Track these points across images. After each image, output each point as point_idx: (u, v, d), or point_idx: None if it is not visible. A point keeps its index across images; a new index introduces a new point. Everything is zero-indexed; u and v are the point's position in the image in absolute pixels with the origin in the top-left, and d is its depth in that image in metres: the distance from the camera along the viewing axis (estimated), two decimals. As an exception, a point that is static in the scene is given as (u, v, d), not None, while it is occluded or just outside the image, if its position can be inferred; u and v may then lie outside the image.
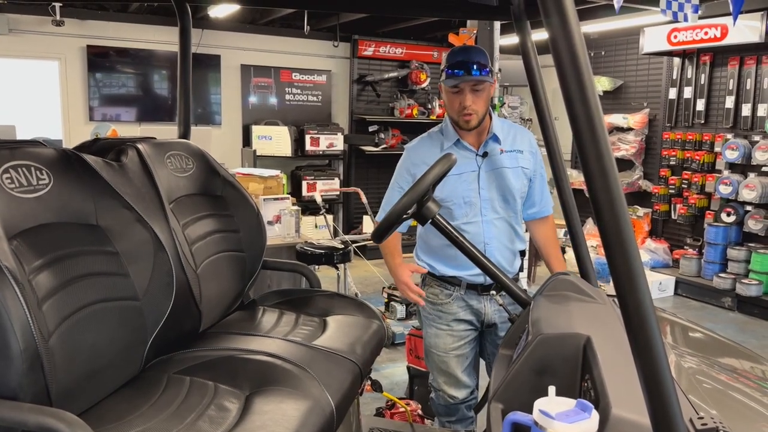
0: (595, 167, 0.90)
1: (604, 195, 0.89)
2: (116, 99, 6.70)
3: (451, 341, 2.39)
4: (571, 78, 0.89)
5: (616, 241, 0.90)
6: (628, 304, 0.90)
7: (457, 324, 2.38)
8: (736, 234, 5.86)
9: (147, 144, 1.97)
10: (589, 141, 0.89)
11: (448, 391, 2.45)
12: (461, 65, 2.16)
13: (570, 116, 0.91)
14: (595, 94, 0.90)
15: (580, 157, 0.92)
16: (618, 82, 7.06)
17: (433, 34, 7.82)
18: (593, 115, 0.89)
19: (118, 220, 1.64)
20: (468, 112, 2.20)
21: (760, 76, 5.67)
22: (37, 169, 1.47)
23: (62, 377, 1.33)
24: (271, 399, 1.52)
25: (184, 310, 1.84)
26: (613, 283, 0.92)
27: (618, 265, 0.90)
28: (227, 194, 2.23)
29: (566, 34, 0.88)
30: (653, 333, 0.89)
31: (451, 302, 2.37)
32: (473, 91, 2.18)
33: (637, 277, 0.89)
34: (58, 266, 1.40)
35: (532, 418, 1.07)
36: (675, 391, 0.91)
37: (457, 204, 2.28)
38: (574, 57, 0.88)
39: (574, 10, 0.90)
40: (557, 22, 0.89)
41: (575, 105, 0.89)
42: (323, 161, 7.48)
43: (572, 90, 0.89)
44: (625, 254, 0.89)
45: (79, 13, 6.28)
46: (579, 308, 1.58)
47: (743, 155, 5.68)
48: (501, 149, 2.30)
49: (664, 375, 0.90)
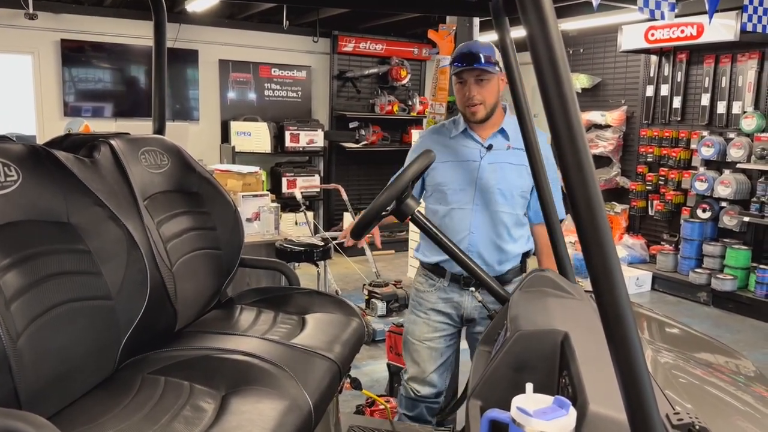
0: (571, 162, 0.89)
1: (580, 190, 0.89)
2: (91, 94, 6.59)
3: (426, 330, 2.41)
4: (548, 74, 0.89)
5: (592, 236, 0.90)
6: (604, 300, 0.90)
7: (434, 314, 2.41)
8: (711, 230, 5.95)
9: (120, 140, 1.93)
10: (565, 137, 0.89)
11: (413, 383, 2.46)
12: (465, 56, 2.23)
13: (547, 112, 0.91)
14: (572, 90, 0.90)
15: (557, 153, 0.92)
16: (596, 79, 7.12)
17: (413, 31, 7.81)
18: (570, 111, 0.88)
19: (90, 217, 1.60)
20: (473, 103, 2.25)
21: (735, 74, 5.76)
22: (5, 166, 1.43)
23: (31, 379, 1.29)
24: (248, 399, 1.50)
25: (159, 309, 1.80)
26: (589, 278, 0.91)
27: (594, 260, 0.90)
28: (203, 191, 2.19)
29: (543, 31, 0.88)
30: (629, 329, 0.89)
31: (432, 292, 2.41)
32: (477, 82, 2.23)
33: (614, 273, 0.89)
34: (27, 265, 1.36)
35: (510, 415, 1.06)
36: (651, 387, 0.91)
37: (452, 189, 2.32)
38: (551, 53, 0.88)
39: (552, 7, 0.90)
40: (535, 18, 0.89)
41: (552, 101, 0.89)
42: (303, 158, 7.44)
43: (549, 86, 0.89)
44: (601, 250, 0.89)
45: (53, 6, 6.16)
46: (557, 304, 1.58)
47: (718, 152, 5.77)
48: (508, 145, 2.32)
49: (640, 371, 0.90)
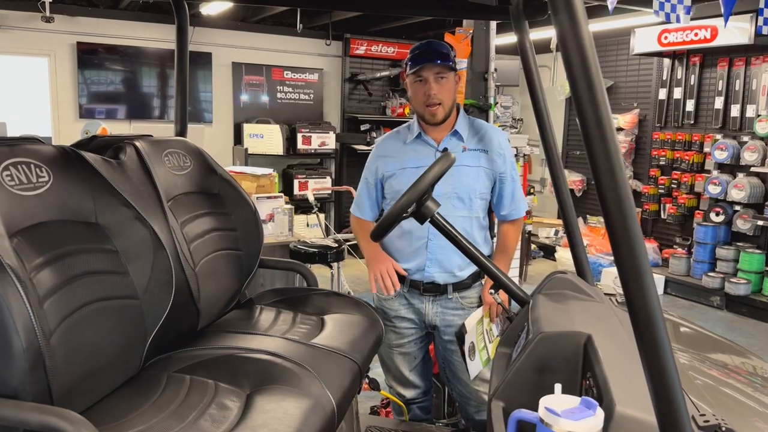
0: (603, 165, 0.90)
1: (611, 193, 0.90)
2: (106, 96, 6.65)
3: (395, 338, 2.42)
4: (580, 75, 0.88)
5: (623, 239, 0.90)
6: (634, 302, 0.91)
7: (400, 321, 2.40)
8: (724, 233, 5.92)
9: (145, 141, 1.96)
10: (597, 139, 0.89)
11: (397, 388, 2.49)
12: (423, 55, 2.20)
13: (579, 113, 0.91)
14: (603, 91, 0.89)
15: (588, 156, 0.92)
16: (609, 82, 7.10)
17: (425, 33, 7.82)
18: (601, 113, 0.88)
19: (117, 218, 1.63)
20: (433, 102, 2.20)
21: (749, 77, 5.73)
22: (36, 167, 1.46)
23: (63, 376, 1.32)
24: (272, 397, 1.52)
25: (183, 308, 1.83)
26: (620, 280, 0.92)
27: (625, 262, 0.90)
28: (224, 192, 2.22)
29: (575, 32, 0.88)
30: (659, 330, 0.90)
31: (394, 299, 2.38)
32: (437, 79, 2.19)
33: (644, 275, 0.90)
34: (59, 264, 1.39)
35: (538, 415, 1.08)
36: (681, 389, 0.91)
37: None
38: (582, 54, 0.88)
39: (584, 7, 0.90)
40: (566, 19, 0.89)
41: (583, 101, 0.89)
42: (315, 160, 7.47)
43: (580, 86, 0.89)
44: (632, 252, 0.90)
45: (69, 9, 6.22)
46: (579, 306, 1.59)
47: (732, 155, 5.74)
48: (464, 147, 2.28)
49: (670, 372, 0.90)
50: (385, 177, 2.35)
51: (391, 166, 2.33)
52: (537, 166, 7.71)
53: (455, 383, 2.43)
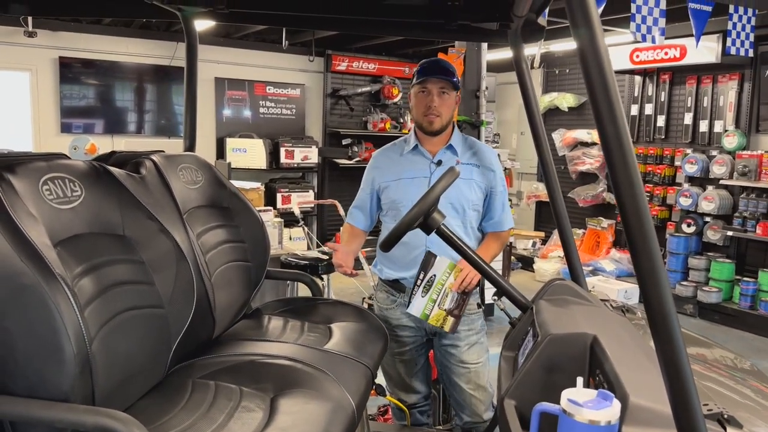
0: (622, 176, 1.00)
1: (630, 201, 1.00)
2: (88, 111, 6.62)
3: (396, 347, 2.49)
4: (598, 85, 0.97)
5: (641, 243, 1.00)
6: (651, 300, 1.01)
7: (401, 330, 2.48)
8: (696, 244, 6.16)
9: (161, 157, 2.03)
10: (616, 150, 0.97)
11: (399, 394, 2.57)
12: (430, 69, 2.36)
13: (597, 124, 1.00)
14: (619, 101, 0.98)
15: (608, 166, 1.02)
16: (582, 98, 7.34)
17: (405, 51, 8.00)
18: (619, 124, 0.97)
19: (143, 230, 1.69)
20: (433, 113, 2.34)
21: (716, 94, 6.01)
22: (70, 181, 1.52)
23: (103, 381, 1.37)
24: (296, 400, 1.59)
25: (202, 318, 1.89)
26: (637, 281, 1.03)
27: (643, 264, 1.01)
28: (233, 205, 2.29)
29: (593, 46, 0.96)
30: (674, 326, 1.00)
31: (395, 308, 2.47)
32: (440, 93, 2.34)
33: (660, 275, 1.00)
34: (95, 274, 1.45)
35: (560, 407, 1.18)
36: (693, 380, 1.02)
37: (406, 206, 2.32)
38: (600, 66, 0.97)
39: (600, 22, 0.99)
40: (585, 33, 0.97)
41: (602, 110, 0.97)
42: (297, 174, 7.53)
43: (599, 95, 0.97)
44: (649, 255, 0.99)
45: (52, 24, 6.20)
46: (581, 310, 1.70)
47: (702, 169, 5.99)
48: (457, 160, 2.41)
49: (683, 365, 1.00)
50: (381, 187, 2.45)
51: (387, 176, 2.43)
52: (515, 179, 7.89)
53: (451, 389, 2.52)
